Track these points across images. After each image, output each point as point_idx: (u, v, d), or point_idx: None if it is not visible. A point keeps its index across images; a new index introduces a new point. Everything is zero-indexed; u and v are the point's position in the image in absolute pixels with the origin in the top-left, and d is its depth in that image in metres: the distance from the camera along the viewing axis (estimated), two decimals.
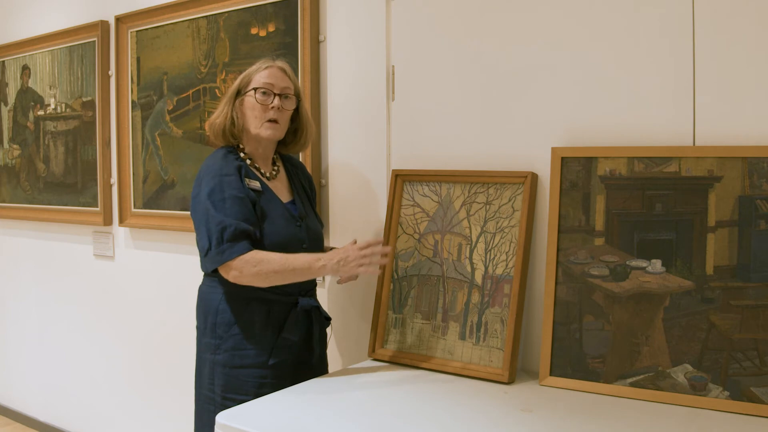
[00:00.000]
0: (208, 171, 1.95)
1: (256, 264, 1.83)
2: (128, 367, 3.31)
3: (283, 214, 2.00)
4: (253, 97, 1.99)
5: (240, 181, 1.93)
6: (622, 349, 1.81)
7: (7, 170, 3.90)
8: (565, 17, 1.97)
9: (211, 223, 1.85)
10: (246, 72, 2.05)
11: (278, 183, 2.09)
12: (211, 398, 1.97)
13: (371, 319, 2.19)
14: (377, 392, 1.85)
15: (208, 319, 1.99)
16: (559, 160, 1.93)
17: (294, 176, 2.16)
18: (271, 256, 1.85)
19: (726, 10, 1.74)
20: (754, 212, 1.69)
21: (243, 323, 1.95)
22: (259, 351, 1.94)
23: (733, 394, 1.66)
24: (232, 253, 1.83)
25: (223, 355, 1.95)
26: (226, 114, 2.01)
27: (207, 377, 1.98)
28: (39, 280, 3.78)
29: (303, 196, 2.15)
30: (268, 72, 2.02)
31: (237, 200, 1.88)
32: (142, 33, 3.09)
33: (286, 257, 1.86)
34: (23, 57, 3.74)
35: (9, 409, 4.02)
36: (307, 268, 1.86)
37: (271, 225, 1.95)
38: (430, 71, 2.23)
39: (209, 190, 1.90)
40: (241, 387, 1.92)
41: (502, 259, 2.00)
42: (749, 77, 1.72)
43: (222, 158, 1.98)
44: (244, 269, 1.83)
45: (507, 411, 1.70)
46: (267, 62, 2.05)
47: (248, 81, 2.02)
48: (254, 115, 1.99)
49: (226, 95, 2.05)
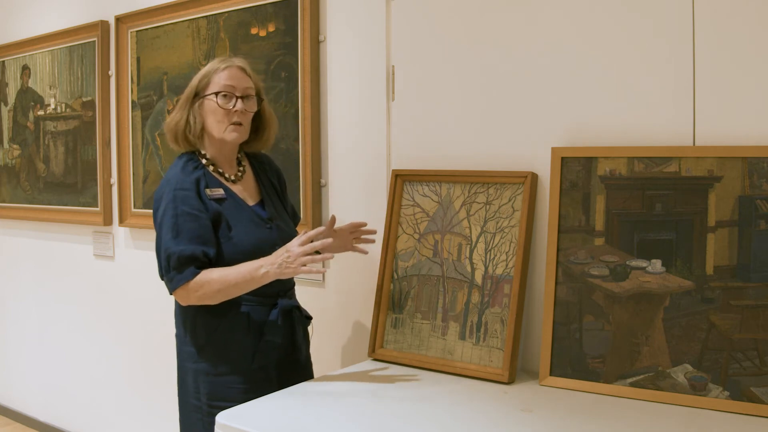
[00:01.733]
0: (166, 185, 1.90)
1: (198, 289, 1.81)
2: (128, 367, 3.31)
3: (251, 218, 1.95)
4: (215, 101, 1.91)
5: (196, 196, 1.86)
6: (622, 349, 1.81)
7: (7, 170, 3.90)
8: (565, 17, 1.97)
9: (160, 250, 1.85)
10: (203, 72, 1.95)
11: (244, 184, 2.02)
12: (197, 407, 1.93)
13: (371, 319, 2.19)
14: (377, 392, 1.85)
15: (187, 326, 1.94)
16: (559, 160, 1.93)
17: (261, 174, 2.09)
18: (212, 276, 1.81)
19: (726, 11, 1.74)
20: (754, 212, 1.69)
21: (223, 329, 1.90)
22: (242, 356, 1.90)
23: (733, 394, 1.66)
24: (178, 282, 1.82)
25: (205, 363, 1.91)
26: (181, 118, 1.94)
27: (191, 386, 1.94)
28: (39, 280, 3.78)
29: (272, 194, 2.08)
30: (227, 73, 1.92)
31: (189, 218, 1.83)
32: (142, 33, 3.09)
33: (226, 274, 1.81)
34: (23, 57, 3.74)
35: (9, 409, 4.02)
36: (249, 279, 1.80)
37: (239, 232, 1.90)
38: (430, 71, 2.23)
39: (164, 208, 1.86)
40: (227, 393, 1.87)
41: (502, 259, 2.00)
42: (749, 77, 1.72)
43: (180, 170, 1.91)
44: (189, 295, 1.83)
45: (507, 411, 1.70)
46: (225, 61, 1.95)
47: (207, 83, 1.93)
48: (216, 119, 1.92)
49: (182, 97, 1.96)
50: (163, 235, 1.84)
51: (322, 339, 2.45)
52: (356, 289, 2.40)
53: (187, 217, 1.84)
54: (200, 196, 1.88)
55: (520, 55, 2.05)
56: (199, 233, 1.84)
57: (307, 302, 2.44)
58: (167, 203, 1.86)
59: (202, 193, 1.89)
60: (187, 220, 1.83)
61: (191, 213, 1.84)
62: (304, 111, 2.49)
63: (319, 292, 2.52)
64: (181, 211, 1.84)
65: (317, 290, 2.53)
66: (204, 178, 1.92)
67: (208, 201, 1.89)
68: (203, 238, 1.84)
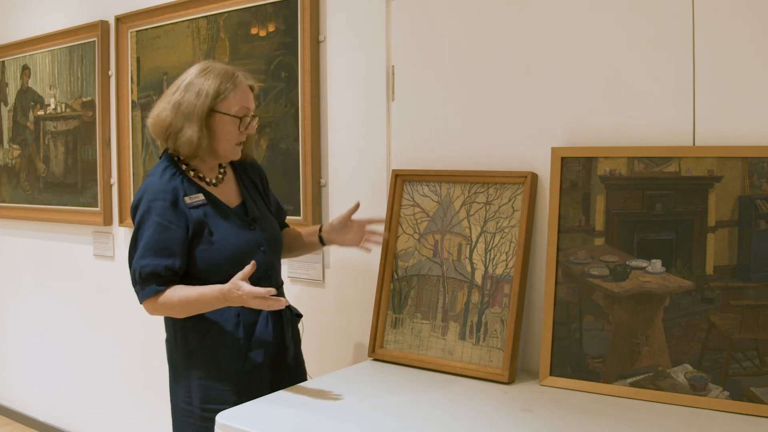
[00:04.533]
0: (143, 194, 1.88)
1: (160, 307, 1.85)
2: (128, 367, 3.31)
3: (234, 221, 1.93)
4: (231, 123, 1.88)
5: (170, 207, 1.84)
6: (622, 349, 1.81)
7: (7, 170, 3.90)
8: (565, 17, 1.97)
9: (130, 263, 1.88)
10: (217, 87, 1.87)
11: (225, 187, 1.99)
12: (189, 411, 1.91)
13: (371, 319, 2.19)
14: (377, 392, 1.85)
15: (177, 330, 1.93)
16: (559, 160, 1.93)
17: (242, 174, 2.06)
18: (172, 299, 1.81)
19: (726, 11, 1.74)
20: (754, 212, 1.69)
21: (215, 331, 1.89)
22: (234, 357, 1.89)
23: (733, 394, 1.66)
24: (142, 297, 1.86)
25: (197, 366, 1.90)
26: (193, 133, 1.85)
27: (182, 390, 1.93)
28: (39, 280, 3.78)
29: (254, 193, 2.05)
30: (243, 93, 1.90)
31: (158, 228, 1.82)
32: (142, 33, 3.09)
33: (186, 300, 1.81)
34: (23, 57, 3.74)
35: (9, 409, 4.02)
36: (207, 306, 1.82)
37: (222, 236, 1.88)
38: (430, 71, 2.23)
39: (138, 220, 1.86)
40: (220, 396, 1.86)
41: (502, 259, 2.00)
42: (749, 77, 1.72)
43: (158, 179, 1.89)
44: (154, 310, 1.87)
45: (507, 411, 1.70)
46: (236, 78, 1.90)
47: (222, 100, 1.87)
48: (226, 138, 1.90)
49: (189, 109, 1.86)
50: (135, 248, 1.86)
51: (322, 339, 2.45)
52: (356, 289, 2.40)
53: (157, 228, 1.83)
54: (177, 206, 1.86)
55: (520, 55, 2.05)
56: (166, 245, 1.83)
57: (307, 302, 2.45)
58: (141, 214, 1.86)
59: (180, 202, 1.86)
60: (156, 231, 1.83)
61: (161, 223, 1.83)
62: (304, 111, 2.49)
63: (319, 292, 2.52)
64: (152, 222, 1.83)
65: (317, 290, 2.53)
66: (182, 186, 1.89)
67: (188, 210, 1.86)
68: (169, 250, 1.83)
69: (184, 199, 1.87)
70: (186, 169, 1.93)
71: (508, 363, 1.91)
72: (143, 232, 1.85)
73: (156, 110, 1.93)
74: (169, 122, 1.88)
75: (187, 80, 1.91)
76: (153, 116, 1.93)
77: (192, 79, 1.90)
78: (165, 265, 1.82)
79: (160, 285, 1.83)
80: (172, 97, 1.90)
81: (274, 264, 2.02)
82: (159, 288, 1.82)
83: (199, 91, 1.87)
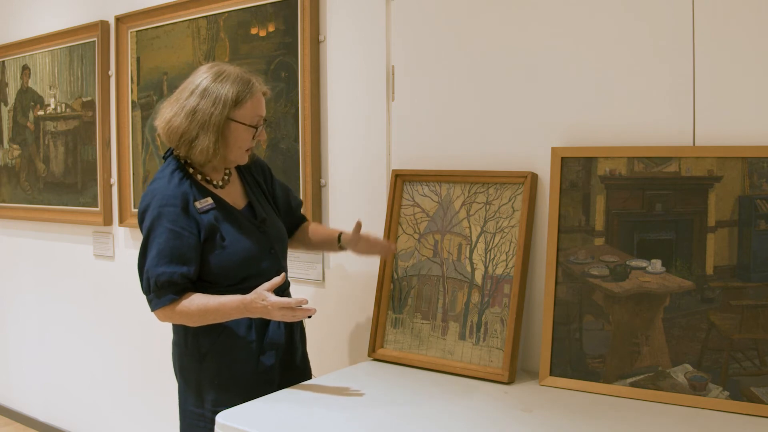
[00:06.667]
0: (152, 198, 1.85)
1: (176, 315, 1.83)
2: (128, 367, 3.31)
3: (243, 223, 1.92)
4: (251, 134, 1.88)
5: (182, 213, 1.82)
6: (622, 349, 1.81)
7: (7, 170, 3.90)
8: (565, 17, 1.97)
9: (142, 267, 1.84)
10: (235, 96, 1.83)
11: (231, 189, 1.98)
12: (199, 414, 1.90)
13: (371, 319, 2.19)
14: (377, 392, 1.85)
15: (188, 334, 1.91)
16: (559, 160, 1.93)
17: (246, 174, 2.04)
18: (190, 308, 1.80)
19: (726, 11, 1.74)
20: (754, 212, 1.69)
21: (227, 334, 1.89)
22: (247, 360, 1.89)
23: (733, 394, 1.66)
24: (156, 305, 1.83)
25: (209, 370, 1.89)
26: (209, 142, 1.82)
27: (193, 394, 1.92)
28: (39, 280, 3.78)
29: (258, 193, 2.04)
30: (258, 101, 1.88)
31: (171, 235, 1.80)
32: (142, 33, 3.09)
33: (205, 307, 1.80)
34: (23, 57, 3.74)
35: (9, 409, 4.02)
36: (226, 316, 1.81)
37: (233, 240, 1.87)
38: (430, 71, 2.23)
39: (148, 225, 1.83)
40: (231, 399, 1.82)
41: (502, 259, 2.00)
42: (749, 77, 1.72)
43: (167, 183, 1.86)
44: (168, 317, 1.85)
45: (507, 411, 1.70)
46: (254, 87, 1.87)
47: (240, 109, 1.84)
48: (239, 145, 1.88)
49: (211, 120, 1.81)
50: (146, 253, 1.83)
51: (322, 339, 2.45)
52: (356, 289, 2.40)
53: (170, 234, 1.81)
54: (188, 211, 1.84)
55: (520, 55, 2.05)
56: (181, 252, 1.81)
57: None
58: (152, 220, 1.82)
59: (190, 207, 1.85)
60: (169, 238, 1.80)
61: (174, 230, 1.81)
62: (304, 111, 2.49)
63: (319, 291, 2.53)
64: (164, 228, 1.81)
65: (317, 290, 2.53)
66: (191, 190, 1.87)
67: (199, 215, 1.85)
68: (184, 257, 1.81)
69: (194, 204, 1.85)
70: (193, 172, 1.91)
71: (508, 363, 1.91)
72: (155, 238, 1.81)
73: (167, 114, 1.86)
74: (183, 130, 1.83)
75: (203, 85, 1.83)
76: (164, 121, 1.86)
77: (207, 84, 1.83)
78: (180, 273, 1.80)
79: (176, 293, 1.81)
80: (185, 102, 1.83)
81: (284, 265, 2.03)
82: (175, 297, 1.81)
83: (216, 98, 1.82)
